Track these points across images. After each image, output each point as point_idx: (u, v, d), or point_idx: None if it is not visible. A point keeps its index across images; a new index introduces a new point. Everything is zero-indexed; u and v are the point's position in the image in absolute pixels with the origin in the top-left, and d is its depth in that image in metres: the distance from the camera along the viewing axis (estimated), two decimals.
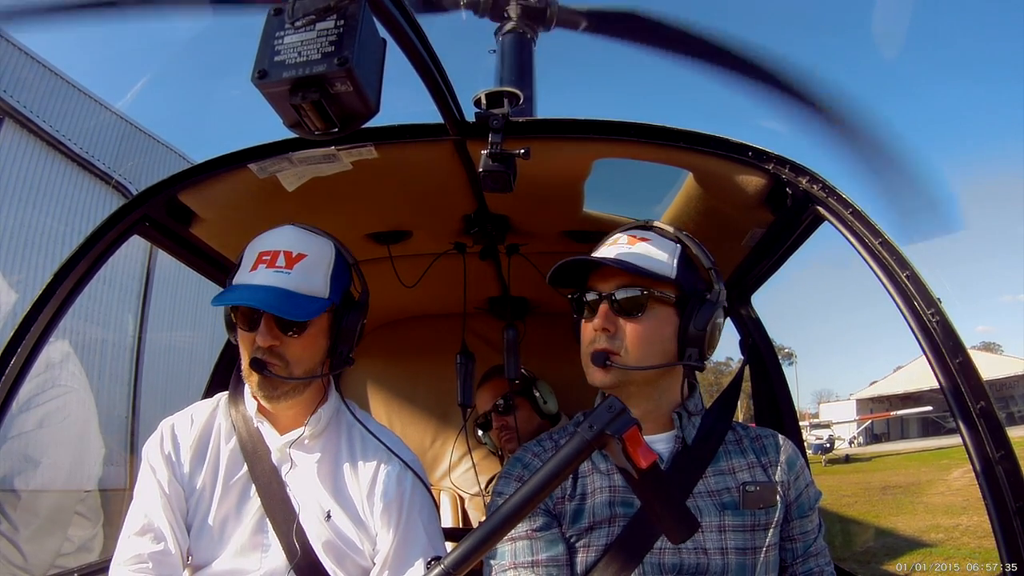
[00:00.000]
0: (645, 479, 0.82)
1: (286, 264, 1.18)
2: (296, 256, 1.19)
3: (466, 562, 0.79)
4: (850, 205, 1.28)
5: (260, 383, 1.19)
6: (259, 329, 1.17)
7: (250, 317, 1.19)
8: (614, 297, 1.14)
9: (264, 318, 1.17)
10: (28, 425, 2.41)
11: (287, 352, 1.19)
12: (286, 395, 1.22)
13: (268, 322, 1.17)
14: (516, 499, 0.81)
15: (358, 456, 1.29)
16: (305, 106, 0.82)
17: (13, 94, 7.58)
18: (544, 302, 2.44)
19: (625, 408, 0.83)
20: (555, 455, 0.82)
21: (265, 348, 1.17)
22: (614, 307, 1.14)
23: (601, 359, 1.12)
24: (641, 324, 1.13)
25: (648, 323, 1.13)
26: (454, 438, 2.52)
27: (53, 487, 2.59)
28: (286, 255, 1.19)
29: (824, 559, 1.19)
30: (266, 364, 1.17)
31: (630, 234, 1.21)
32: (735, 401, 1.31)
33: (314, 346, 1.23)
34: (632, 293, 1.13)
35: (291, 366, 1.19)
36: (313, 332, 1.22)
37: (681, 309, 1.15)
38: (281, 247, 1.20)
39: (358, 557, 1.24)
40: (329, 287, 1.22)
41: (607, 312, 1.13)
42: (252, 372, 1.19)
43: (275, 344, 1.17)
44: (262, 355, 1.17)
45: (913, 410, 30.96)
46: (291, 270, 1.18)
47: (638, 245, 1.17)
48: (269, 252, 1.20)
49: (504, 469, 1.22)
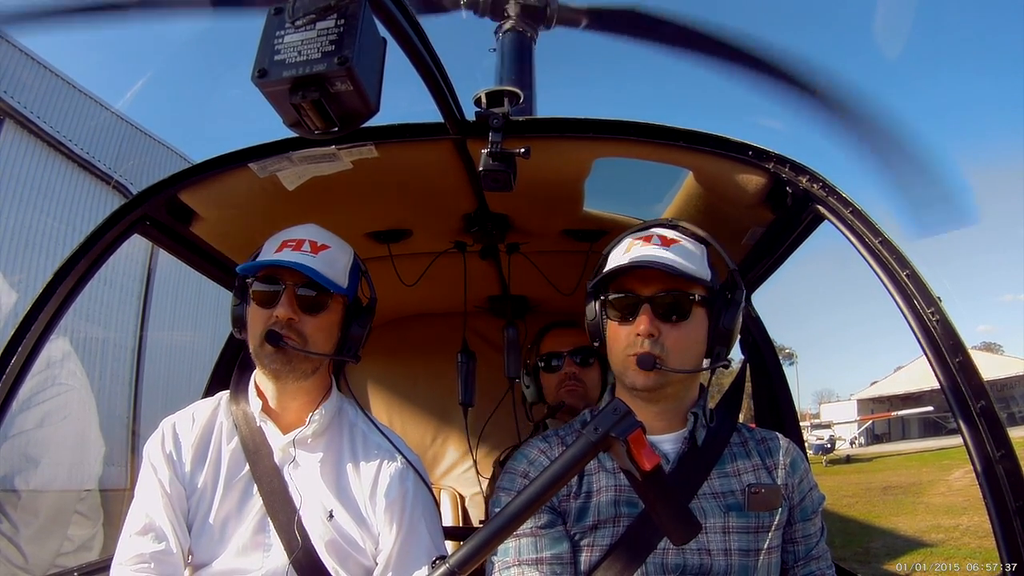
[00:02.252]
0: (648, 481, 0.82)
1: (311, 250, 1.24)
2: (321, 246, 1.26)
3: (471, 561, 0.79)
4: (850, 204, 1.28)
5: (273, 356, 1.21)
6: (279, 302, 1.21)
7: (269, 294, 1.22)
8: (659, 300, 1.11)
9: (286, 293, 1.21)
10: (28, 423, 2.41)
11: (305, 328, 1.22)
12: (295, 371, 1.23)
13: (289, 295, 1.21)
14: (521, 499, 0.81)
15: (360, 455, 1.29)
16: (305, 105, 0.82)
17: (14, 95, 7.59)
18: (544, 300, 2.44)
19: (630, 411, 0.83)
20: (560, 456, 0.83)
21: (284, 321, 1.20)
22: (657, 311, 1.11)
23: (650, 363, 1.10)
24: (685, 329, 1.12)
25: (690, 327, 1.12)
26: (454, 437, 2.52)
27: (53, 486, 2.58)
28: (311, 243, 1.25)
29: (825, 562, 1.19)
30: (282, 336, 1.20)
31: (661, 233, 1.18)
32: (739, 402, 1.31)
33: (326, 332, 1.25)
34: (677, 297, 1.12)
35: (307, 342, 1.22)
36: (328, 317, 1.25)
37: (710, 309, 1.15)
38: (306, 236, 1.27)
39: (360, 556, 1.24)
40: (348, 280, 1.28)
41: (652, 316, 1.11)
42: (265, 345, 1.20)
43: (294, 318, 1.20)
44: (280, 328, 1.20)
45: (914, 410, 30.93)
46: (316, 255, 1.24)
47: (674, 246, 1.15)
48: (294, 240, 1.26)
49: (509, 464, 1.22)
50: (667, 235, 1.18)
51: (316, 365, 1.26)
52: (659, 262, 1.11)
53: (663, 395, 1.14)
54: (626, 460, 0.82)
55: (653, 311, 1.11)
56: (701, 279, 1.12)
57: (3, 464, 2.44)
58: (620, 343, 1.14)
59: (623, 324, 1.14)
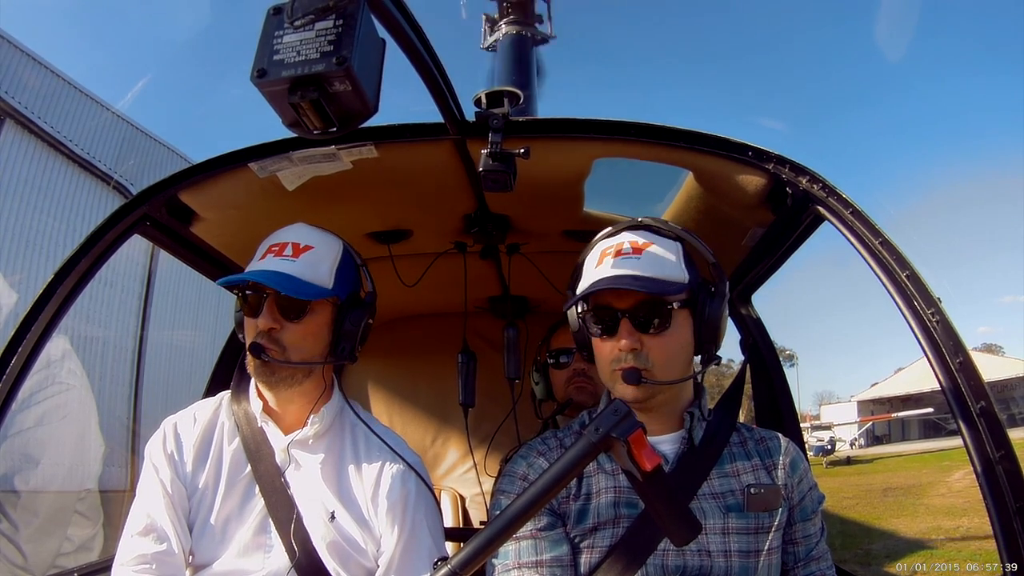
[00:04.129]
0: (649, 482, 0.82)
1: (293, 253, 1.23)
2: (304, 247, 1.24)
3: (472, 562, 0.80)
4: (850, 205, 1.28)
5: (257, 368, 1.22)
6: (262, 312, 1.20)
7: (255, 303, 1.22)
8: (636, 315, 1.09)
9: (267, 302, 1.20)
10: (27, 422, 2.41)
11: (284, 338, 1.21)
12: (283, 381, 1.23)
13: (270, 305, 1.20)
14: (523, 500, 0.81)
15: (362, 457, 1.29)
16: (304, 105, 0.82)
17: (14, 95, 7.59)
18: (544, 301, 2.44)
19: (630, 411, 0.83)
20: (560, 457, 0.83)
21: (265, 331, 1.20)
22: (637, 324, 1.09)
23: (635, 378, 1.08)
24: (666, 338, 1.10)
25: (672, 334, 1.11)
26: (455, 438, 2.52)
27: (52, 486, 2.58)
28: (294, 246, 1.24)
29: (826, 563, 1.18)
30: (263, 348, 1.19)
31: (631, 239, 1.15)
32: (739, 402, 1.31)
33: (314, 336, 1.24)
34: (654, 309, 1.09)
35: (288, 351, 1.21)
36: (313, 321, 1.24)
37: (692, 308, 1.13)
38: (290, 239, 1.25)
39: (361, 558, 1.24)
40: (334, 280, 1.25)
41: (631, 330, 1.09)
42: (251, 356, 1.21)
43: (275, 328, 1.20)
44: (261, 339, 1.20)
45: (914, 412, 30.90)
46: (297, 259, 1.22)
47: (646, 252, 1.12)
48: (278, 244, 1.25)
49: (508, 467, 1.22)
50: (638, 241, 1.14)
51: (305, 371, 1.25)
52: (628, 279, 1.08)
53: (655, 403, 1.13)
54: (627, 461, 0.82)
55: (632, 324, 1.09)
56: (677, 283, 1.11)
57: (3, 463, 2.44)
58: (605, 357, 1.13)
59: (605, 339, 1.12)
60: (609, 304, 1.11)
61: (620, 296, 1.10)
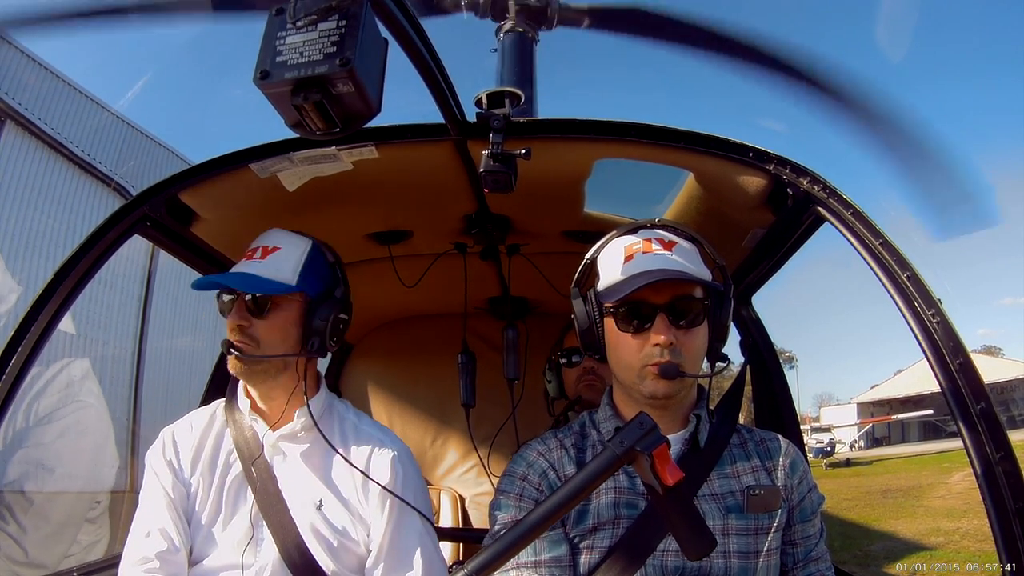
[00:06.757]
0: (670, 496, 0.83)
1: (261, 255, 1.31)
2: (272, 249, 1.31)
3: (489, 567, 0.80)
4: (851, 206, 1.28)
5: (231, 363, 1.27)
6: (233, 311, 1.28)
7: (228, 304, 1.30)
8: (672, 309, 1.09)
9: (236, 302, 1.28)
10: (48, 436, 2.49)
11: (257, 332, 1.27)
12: (257, 375, 1.28)
13: (239, 304, 1.28)
14: (543, 509, 0.82)
15: (351, 446, 1.33)
16: (307, 106, 0.81)
17: (14, 96, 7.59)
18: (544, 302, 2.44)
19: (655, 425, 0.83)
20: (584, 468, 0.83)
21: (236, 328, 1.27)
22: (672, 318, 1.09)
23: (674, 372, 1.07)
24: (696, 333, 1.11)
25: (701, 331, 1.12)
26: (454, 438, 2.52)
27: (67, 493, 2.65)
28: (263, 249, 1.32)
29: (825, 564, 1.18)
30: (232, 344, 1.26)
31: (658, 236, 1.16)
32: (739, 403, 1.31)
33: (281, 331, 1.29)
34: (690, 303, 1.10)
35: (261, 346, 1.27)
36: (280, 316, 1.29)
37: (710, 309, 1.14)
38: (261, 244, 1.33)
39: (352, 545, 1.28)
40: (298, 277, 1.30)
41: (669, 325, 1.08)
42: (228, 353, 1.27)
43: (244, 324, 1.27)
44: (233, 336, 1.27)
45: (914, 414, 30.88)
46: (264, 260, 1.30)
47: (676, 248, 1.14)
48: (252, 248, 1.33)
49: (508, 468, 1.21)
50: (665, 237, 1.16)
51: (278, 365, 1.29)
52: (677, 271, 1.08)
53: (676, 400, 1.14)
54: (649, 474, 0.82)
55: (668, 319, 1.09)
56: (707, 282, 1.11)
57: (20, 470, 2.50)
58: (633, 354, 1.11)
59: (637, 334, 1.11)
60: (645, 299, 1.10)
61: (657, 291, 1.09)
